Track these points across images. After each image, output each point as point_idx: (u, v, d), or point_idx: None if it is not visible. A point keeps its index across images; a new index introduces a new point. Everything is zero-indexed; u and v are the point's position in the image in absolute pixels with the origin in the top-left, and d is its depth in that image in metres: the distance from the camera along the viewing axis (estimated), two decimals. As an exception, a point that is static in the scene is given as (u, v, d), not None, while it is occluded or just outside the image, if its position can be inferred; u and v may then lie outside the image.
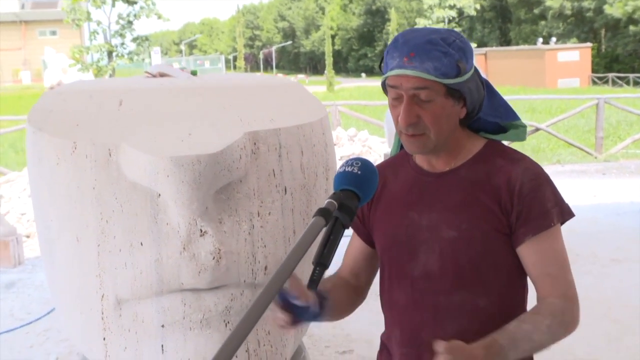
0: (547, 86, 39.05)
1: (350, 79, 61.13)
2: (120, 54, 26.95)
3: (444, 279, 1.64)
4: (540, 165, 1.69)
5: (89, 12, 25.93)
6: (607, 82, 41.30)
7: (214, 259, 2.05)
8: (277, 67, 79.37)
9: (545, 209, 1.59)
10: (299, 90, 2.70)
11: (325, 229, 1.26)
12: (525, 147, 11.77)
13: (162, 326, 2.11)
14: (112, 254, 2.09)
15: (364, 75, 66.85)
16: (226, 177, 2.04)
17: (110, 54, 26.58)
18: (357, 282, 1.80)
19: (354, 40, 77.01)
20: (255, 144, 2.15)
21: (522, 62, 42.73)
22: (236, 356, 1.33)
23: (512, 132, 1.74)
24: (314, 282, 1.24)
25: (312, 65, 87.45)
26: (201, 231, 2.05)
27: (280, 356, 2.27)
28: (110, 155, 2.06)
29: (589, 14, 51.32)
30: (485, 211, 1.61)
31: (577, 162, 11.71)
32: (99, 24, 26.13)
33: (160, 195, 2.03)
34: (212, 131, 2.11)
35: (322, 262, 1.24)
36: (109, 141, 2.08)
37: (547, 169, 2.23)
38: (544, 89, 35.92)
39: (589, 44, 46.40)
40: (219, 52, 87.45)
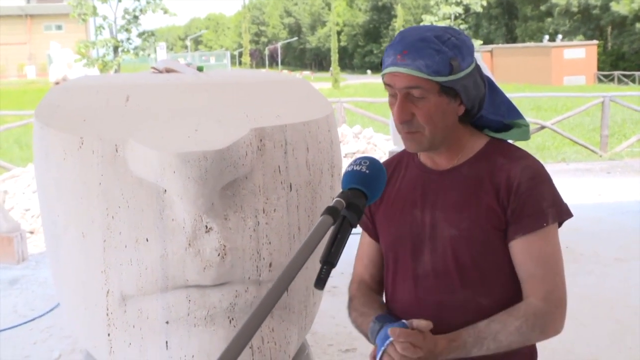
0: (553, 83, 38.98)
1: (355, 76, 61.09)
2: (126, 49, 26.94)
3: (447, 277, 1.64)
4: (542, 163, 1.68)
5: (94, 7, 25.93)
6: (612, 80, 41.20)
7: (219, 255, 2.04)
8: (282, 63, 79.37)
9: (540, 208, 1.58)
10: (305, 86, 2.70)
11: (333, 228, 1.26)
12: (530, 145, 11.76)
13: (167, 322, 2.11)
14: (118, 250, 2.09)
15: (369, 72, 66.73)
16: (232, 173, 2.04)
17: (116, 49, 26.57)
18: (379, 287, 1.86)
19: (360, 36, 76.95)
20: (261, 141, 2.15)
21: (528, 59, 42.65)
22: (241, 353, 1.32)
23: (515, 130, 1.73)
24: (321, 281, 1.24)
25: (318, 61, 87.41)
26: (206, 227, 2.04)
27: (283, 353, 2.27)
28: (116, 150, 2.06)
29: (596, 11, 51.18)
30: (485, 210, 1.61)
31: (582, 160, 11.69)
32: (104, 18, 26.10)
33: (166, 191, 2.02)
34: (219, 127, 2.10)
35: (329, 261, 1.24)
36: (116, 137, 2.07)
37: (552, 167, 2.23)
38: (549, 87, 35.83)
39: (595, 42, 46.28)
40: (225, 48, 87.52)
